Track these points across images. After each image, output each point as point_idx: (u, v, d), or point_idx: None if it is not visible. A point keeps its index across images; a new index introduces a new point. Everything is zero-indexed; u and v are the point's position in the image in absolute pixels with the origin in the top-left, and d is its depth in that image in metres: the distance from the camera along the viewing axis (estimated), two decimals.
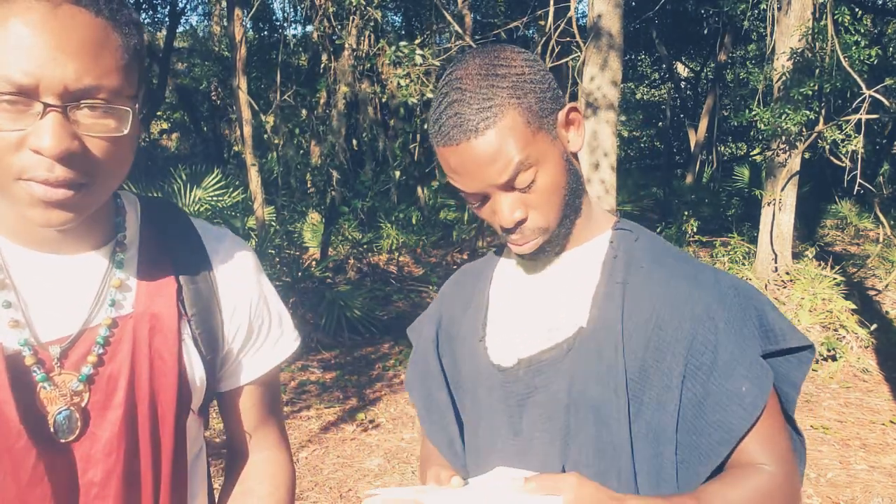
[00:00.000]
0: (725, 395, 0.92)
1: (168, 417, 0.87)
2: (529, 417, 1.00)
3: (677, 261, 1.01)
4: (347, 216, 8.74)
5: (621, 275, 1.00)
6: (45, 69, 0.70)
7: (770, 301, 1.00)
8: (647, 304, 0.97)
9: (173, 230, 0.96)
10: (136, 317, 0.87)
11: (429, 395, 1.18)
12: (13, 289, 0.82)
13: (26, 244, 0.84)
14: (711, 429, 0.92)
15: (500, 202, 0.95)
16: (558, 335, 1.01)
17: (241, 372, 1.01)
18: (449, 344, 1.17)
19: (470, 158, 0.92)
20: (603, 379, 0.95)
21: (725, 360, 0.93)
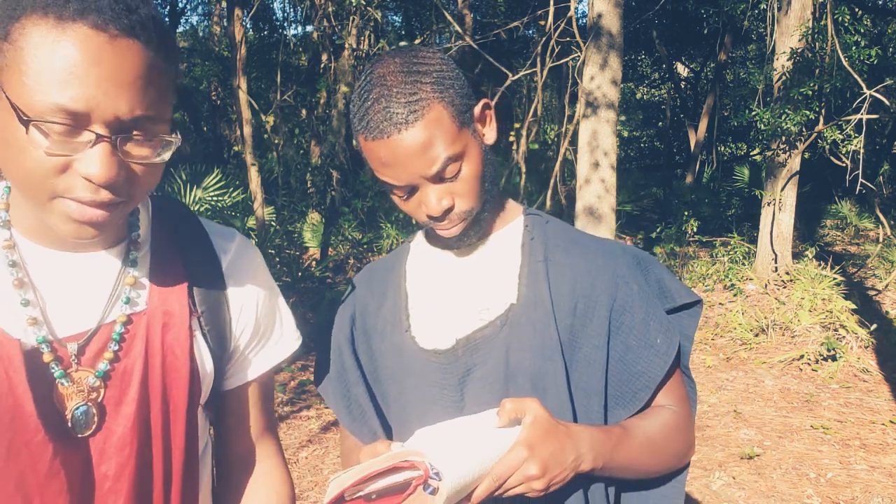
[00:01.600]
0: (644, 347, 1.06)
1: (180, 412, 0.89)
2: (471, 393, 1.06)
3: (587, 238, 1.14)
4: (347, 216, 8.74)
5: (542, 253, 1.10)
6: (98, 100, 0.71)
7: (663, 265, 1.15)
8: (568, 277, 1.08)
9: (183, 229, 0.98)
10: (150, 313, 0.89)
11: (346, 391, 1.19)
12: (31, 287, 0.84)
13: (43, 243, 0.86)
14: (634, 378, 1.06)
15: (429, 193, 1.00)
16: (489, 314, 1.08)
17: (248, 368, 1.03)
18: (365, 340, 1.19)
19: (401, 151, 0.95)
20: (538, 349, 1.04)
21: (641, 317, 1.06)
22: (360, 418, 1.18)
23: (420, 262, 1.18)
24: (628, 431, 1.03)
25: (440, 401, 1.08)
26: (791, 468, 3.75)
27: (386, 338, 1.15)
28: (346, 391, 1.19)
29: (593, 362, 1.05)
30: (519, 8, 11.01)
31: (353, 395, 1.19)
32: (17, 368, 0.79)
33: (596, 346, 1.05)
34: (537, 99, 5.71)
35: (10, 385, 0.79)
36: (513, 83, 5.87)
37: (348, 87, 9.35)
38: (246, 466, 1.07)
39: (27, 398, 0.79)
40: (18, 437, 0.79)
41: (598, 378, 1.05)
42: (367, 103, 0.97)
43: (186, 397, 0.89)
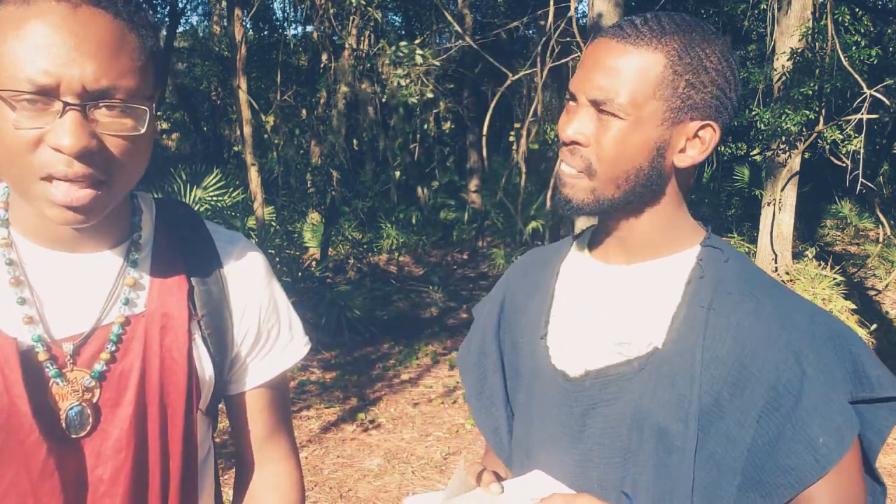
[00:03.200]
0: (800, 442, 0.89)
1: (177, 415, 0.88)
2: (591, 429, 0.98)
3: (769, 292, 0.95)
4: (347, 216, 8.74)
5: (706, 299, 0.95)
6: (64, 69, 0.71)
7: (867, 346, 0.95)
8: (730, 336, 0.92)
9: (186, 232, 0.97)
10: (148, 315, 0.88)
11: (483, 376, 1.16)
12: (28, 286, 0.83)
13: (43, 242, 0.85)
14: (779, 471, 0.90)
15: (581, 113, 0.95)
16: (629, 351, 0.97)
17: (249, 375, 1.01)
18: (510, 330, 1.15)
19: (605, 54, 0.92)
20: (672, 406, 0.92)
21: (806, 407, 0.89)
22: (487, 408, 1.15)
23: (574, 266, 1.10)
24: None
25: (557, 425, 1.02)
26: None
27: (526, 335, 1.10)
28: (482, 377, 1.16)
29: (734, 439, 0.91)
30: (519, 8, 11.01)
31: (488, 381, 1.15)
32: (12, 367, 0.79)
33: (741, 423, 0.90)
34: (537, 99, 5.71)
35: (6, 384, 0.78)
36: (513, 83, 5.87)
37: (348, 87, 9.35)
38: (254, 471, 1.06)
39: (22, 398, 0.79)
40: (12, 436, 0.78)
41: (735, 456, 0.91)
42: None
43: (184, 401, 0.88)
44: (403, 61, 5.93)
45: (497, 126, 12.77)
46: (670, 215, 1.00)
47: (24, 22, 0.71)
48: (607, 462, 0.97)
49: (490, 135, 9.28)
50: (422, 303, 7.38)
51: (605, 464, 0.97)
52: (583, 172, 0.94)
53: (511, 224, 9.08)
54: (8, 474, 0.79)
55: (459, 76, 11.62)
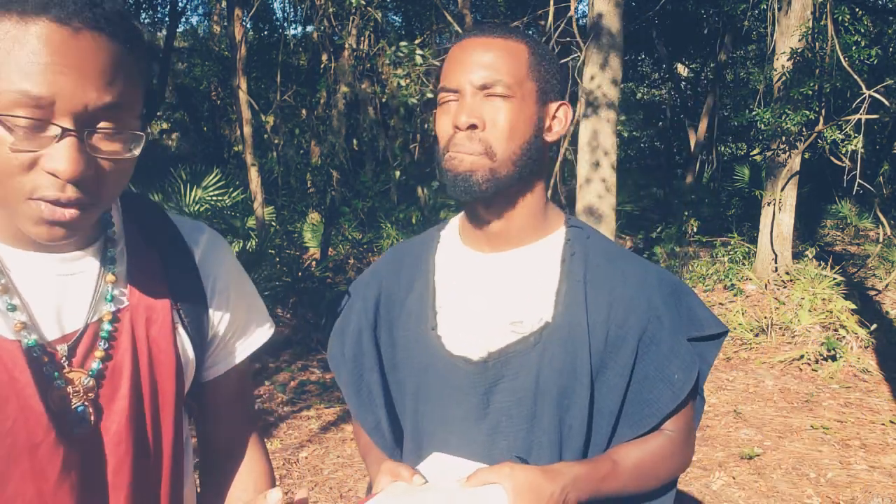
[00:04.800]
0: (661, 380, 1.08)
1: (168, 403, 0.90)
2: (497, 404, 1.09)
3: (627, 260, 1.14)
4: (347, 216, 8.74)
5: (581, 273, 1.10)
6: (63, 92, 0.71)
7: (695, 294, 1.17)
8: (604, 302, 1.09)
9: (153, 223, 0.98)
10: (133, 309, 0.89)
11: (359, 375, 1.20)
12: (16, 292, 0.83)
13: (21, 245, 0.85)
14: (644, 405, 1.09)
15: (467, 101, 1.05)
16: (522, 328, 1.09)
17: (227, 357, 1.04)
18: (388, 327, 1.20)
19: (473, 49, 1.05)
20: (569, 371, 1.06)
21: (665, 352, 1.09)
22: (367, 405, 1.20)
23: (450, 257, 1.18)
24: (616, 464, 1.07)
25: (461, 405, 1.10)
26: (791, 468, 3.74)
27: (410, 329, 1.16)
28: (359, 375, 1.20)
29: (614, 387, 1.08)
30: (519, 8, 11.01)
31: (365, 380, 1.20)
32: (22, 370, 0.79)
33: (620, 374, 1.08)
34: None
35: (17, 387, 0.79)
36: None
37: (348, 87, 9.35)
38: (229, 456, 1.08)
39: (35, 399, 0.79)
40: (21, 440, 0.79)
41: (615, 401, 1.09)
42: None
43: (174, 389, 0.90)
44: (403, 61, 5.93)
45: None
46: (540, 202, 1.13)
47: (21, 42, 0.71)
48: (515, 430, 1.08)
49: None
50: None
51: (514, 432, 1.08)
52: (484, 154, 1.03)
53: None
54: (14, 477, 0.79)
55: None
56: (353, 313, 1.23)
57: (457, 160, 1.04)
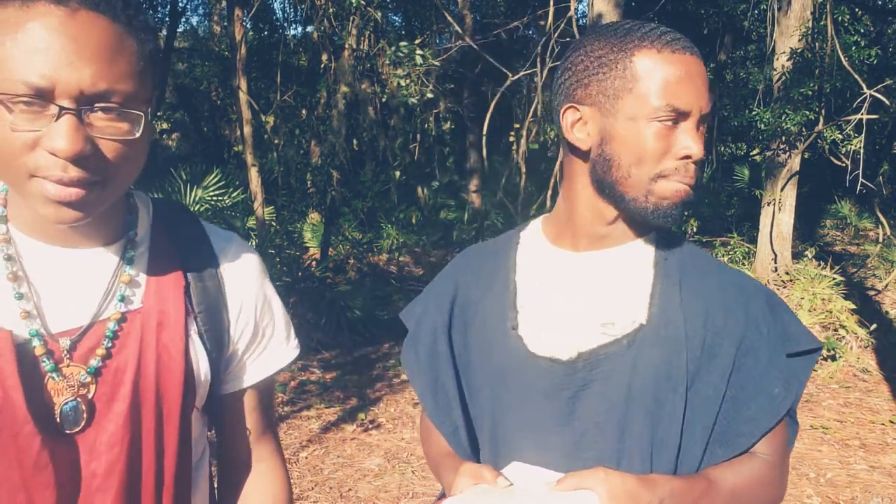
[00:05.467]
0: (760, 394, 1.00)
1: (173, 412, 0.89)
2: (584, 409, 1.03)
3: (721, 268, 1.09)
4: (347, 216, 8.74)
5: (676, 275, 1.05)
6: (61, 73, 0.72)
7: (789, 308, 1.09)
8: (702, 307, 1.03)
9: (183, 230, 0.98)
10: (145, 312, 0.88)
11: (436, 379, 1.15)
12: (26, 280, 0.84)
13: (41, 238, 0.86)
14: (742, 422, 1.01)
15: (692, 133, 0.98)
16: (614, 330, 1.03)
17: (245, 373, 1.02)
18: (463, 328, 1.15)
19: (695, 71, 0.98)
20: (664, 377, 1.00)
21: (764, 363, 1.01)
22: (444, 409, 1.14)
23: (534, 257, 1.13)
24: (713, 485, 0.99)
25: (544, 410, 1.04)
26: (791, 468, 3.75)
27: (486, 330, 1.11)
28: (434, 379, 1.15)
29: (708, 398, 1.01)
30: (519, 8, 11.01)
31: (441, 383, 1.15)
32: (7, 359, 0.79)
33: (715, 385, 1.01)
34: (537, 99, 5.71)
35: (0, 376, 0.79)
36: (513, 83, 5.87)
37: (348, 87, 9.35)
38: (245, 469, 1.06)
39: (17, 390, 0.79)
40: (6, 428, 0.79)
41: (710, 415, 1.01)
42: (656, 28, 1.00)
43: (180, 398, 0.89)
44: (403, 61, 5.93)
45: (497, 126, 12.77)
46: None
47: (22, 25, 0.72)
48: (603, 439, 1.02)
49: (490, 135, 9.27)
50: None
51: (602, 441, 1.02)
52: (690, 187, 1.01)
53: (511, 224, 9.07)
54: (2, 462, 0.79)
55: (459, 76, 11.62)
56: (427, 316, 1.19)
57: (681, 190, 1.00)
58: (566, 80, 1.05)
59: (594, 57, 1.02)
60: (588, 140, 1.03)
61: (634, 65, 0.98)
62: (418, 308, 1.23)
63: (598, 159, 1.03)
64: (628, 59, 0.98)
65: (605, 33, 1.02)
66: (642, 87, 0.97)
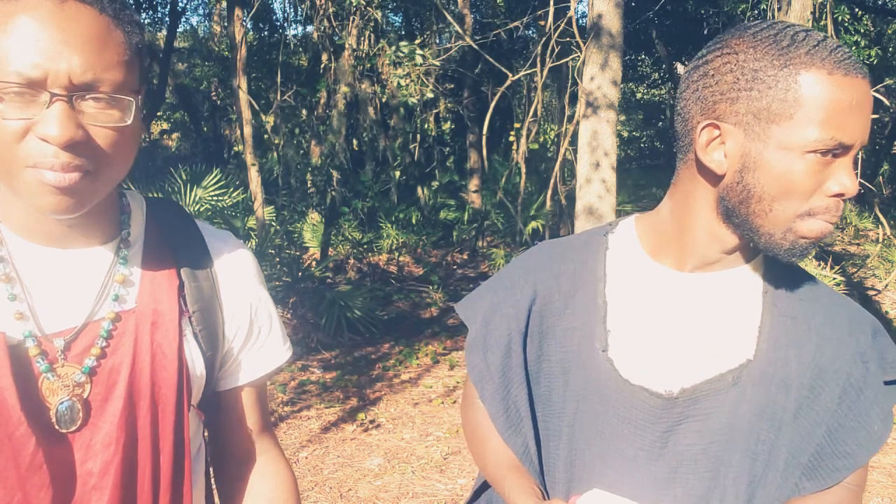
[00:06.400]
0: (860, 429, 0.96)
1: (168, 411, 0.89)
2: (678, 444, 0.96)
3: (831, 298, 1.01)
4: (347, 216, 8.74)
5: (788, 308, 0.97)
6: (51, 62, 0.73)
7: (886, 332, 1.03)
8: (811, 343, 0.96)
9: (178, 229, 0.98)
10: (139, 312, 0.89)
11: (507, 390, 1.07)
12: (19, 281, 0.84)
13: (33, 239, 0.86)
14: (836, 457, 0.96)
15: (851, 167, 0.85)
16: (719, 364, 0.96)
17: (241, 371, 1.02)
18: (538, 337, 1.06)
19: (866, 100, 0.85)
20: (767, 417, 0.94)
21: (868, 400, 0.96)
22: (516, 425, 1.06)
23: (628, 270, 1.03)
24: None
25: (633, 443, 0.98)
26: None
27: (569, 346, 1.02)
28: (506, 391, 1.07)
29: (807, 436, 0.95)
30: (519, 8, 11.00)
31: (513, 396, 1.07)
32: (1, 361, 0.80)
33: (817, 423, 0.95)
34: (537, 99, 5.71)
35: None
36: (513, 83, 5.87)
37: (348, 87, 9.35)
38: (246, 464, 1.07)
39: (10, 390, 0.79)
40: (0, 429, 0.79)
41: (805, 452, 0.96)
42: (824, 40, 0.85)
43: (175, 397, 0.89)
44: (403, 61, 5.93)
45: (497, 126, 12.77)
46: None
47: (11, 16, 0.73)
48: (697, 477, 0.96)
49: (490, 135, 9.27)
50: (422, 303, 7.38)
51: (695, 478, 0.96)
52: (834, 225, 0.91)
53: (511, 224, 9.08)
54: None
55: (459, 76, 11.62)
56: (500, 318, 1.08)
57: (826, 230, 0.89)
58: (707, 89, 0.90)
59: (749, 69, 0.86)
60: (725, 164, 0.90)
61: (800, 86, 0.83)
62: (484, 304, 1.12)
63: (735, 187, 0.90)
64: (793, 78, 0.84)
65: (762, 39, 0.86)
66: (805, 113, 0.83)
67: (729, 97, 0.88)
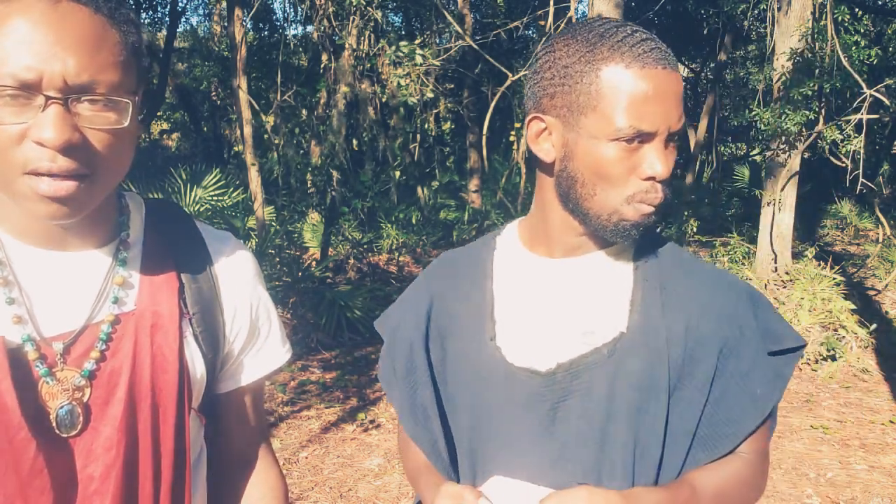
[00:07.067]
0: (743, 395, 0.99)
1: (169, 414, 0.88)
2: (565, 421, 1.00)
3: (700, 265, 1.06)
4: (347, 216, 8.74)
5: (657, 280, 1.02)
6: (46, 64, 0.72)
7: (770, 304, 1.06)
8: (684, 312, 1.00)
9: (177, 230, 0.97)
10: (138, 314, 0.88)
11: (413, 391, 1.11)
12: (17, 285, 0.83)
13: (30, 241, 0.85)
14: (723, 423, 0.99)
15: (661, 151, 0.93)
16: (595, 339, 1.00)
17: (242, 373, 1.02)
18: (440, 339, 1.11)
19: (668, 88, 0.91)
20: (645, 387, 0.97)
21: (748, 364, 0.99)
22: (423, 423, 1.11)
23: (511, 265, 1.10)
24: (696, 491, 0.97)
25: (524, 423, 1.02)
26: (791, 468, 3.75)
27: (464, 341, 1.08)
28: (412, 392, 1.11)
29: (692, 403, 0.99)
30: (519, 8, 11.01)
31: (419, 396, 1.11)
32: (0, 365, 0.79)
33: (699, 389, 0.99)
34: None
35: None
36: (513, 83, 5.87)
37: (348, 87, 9.35)
38: (242, 467, 1.06)
39: (10, 395, 0.78)
40: (7, 432, 0.78)
41: (692, 420, 0.99)
42: (630, 35, 0.92)
43: (175, 399, 0.88)
44: (403, 61, 5.93)
45: (497, 126, 12.77)
46: None
47: (5, 18, 0.72)
48: (585, 451, 1.00)
49: (490, 135, 9.27)
50: None
51: (583, 453, 1.00)
52: (656, 206, 0.96)
53: None
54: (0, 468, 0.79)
55: (459, 76, 11.63)
56: (404, 327, 1.14)
57: (646, 212, 0.96)
58: (535, 85, 1.00)
59: (561, 66, 0.95)
60: (552, 152, 0.99)
61: (600, 80, 0.92)
62: (393, 317, 1.19)
63: (562, 174, 0.99)
64: (594, 73, 0.92)
65: (575, 38, 0.95)
66: (606, 105, 0.91)
67: (548, 92, 0.97)
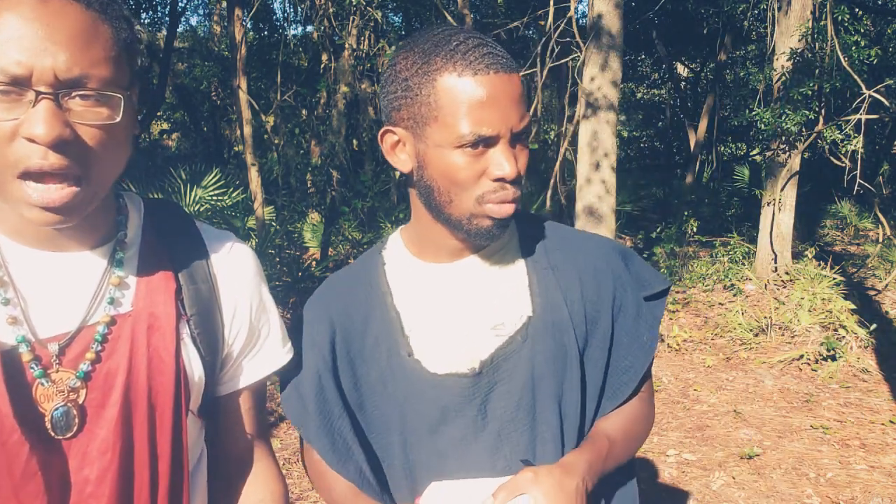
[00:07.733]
0: (634, 343, 1.11)
1: (166, 416, 0.87)
2: (495, 410, 1.05)
3: (576, 235, 1.16)
4: (347, 216, 8.74)
5: (545, 260, 1.10)
6: (36, 59, 0.71)
7: (635, 253, 1.19)
8: (577, 283, 1.08)
9: (176, 231, 0.96)
10: (135, 315, 0.87)
11: (329, 424, 1.08)
12: (11, 286, 0.82)
13: (26, 242, 0.84)
14: (621, 372, 1.11)
15: (505, 152, 0.95)
16: (506, 329, 1.05)
17: (242, 374, 1.00)
18: (349, 366, 1.09)
19: (502, 91, 0.93)
20: (560, 358, 1.05)
21: (632, 315, 1.12)
22: (345, 454, 1.08)
23: (406, 277, 1.11)
24: (611, 437, 1.08)
25: (458, 424, 1.05)
26: (791, 468, 3.75)
27: (380, 363, 1.07)
28: (329, 425, 1.07)
29: (597, 361, 1.09)
30: (519, 8, 11.00)
31: (336, 428, 1.08)
32: None
33: (601, 347, 1.09)
34: (537, 99, 5.71)
35: None
36: None
37: (348, 87, 9.35)
38: (242, 469, 1.05)
39: (3, 397, 0.77)
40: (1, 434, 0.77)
41: (600, 376, 1.09)
42: (462, 43, 0.93)
43: (172, 402, 0.87)
44: None
45: None
46: None
47: None
48: (518, 433, 1.05)
49: None
50: None
51: (517, 434, 1.05)
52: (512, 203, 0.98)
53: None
54: None
55: None
56: (308, 359, 1.10)
57: (500, 211, 0.98)
58: (385, 98, 1.01)
59: (402, 79, 0.96)
60: (408, 163, 1.01)
61: (437, 91, 0.93)
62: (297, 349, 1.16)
63: (420, 183, 1.01)
64: (431, 84, 0.93)
65: (413, 50, 0.96)
66: (446, 114, 0.93)
67: (395, 105, 0.98)
